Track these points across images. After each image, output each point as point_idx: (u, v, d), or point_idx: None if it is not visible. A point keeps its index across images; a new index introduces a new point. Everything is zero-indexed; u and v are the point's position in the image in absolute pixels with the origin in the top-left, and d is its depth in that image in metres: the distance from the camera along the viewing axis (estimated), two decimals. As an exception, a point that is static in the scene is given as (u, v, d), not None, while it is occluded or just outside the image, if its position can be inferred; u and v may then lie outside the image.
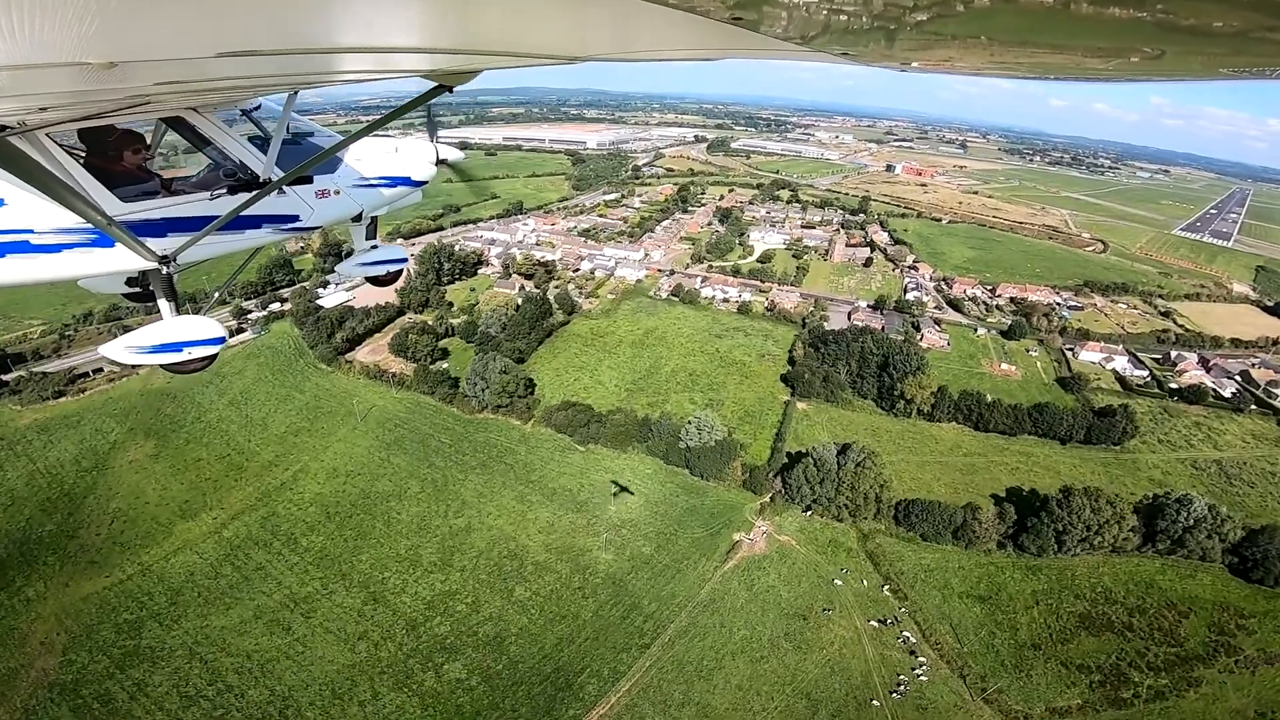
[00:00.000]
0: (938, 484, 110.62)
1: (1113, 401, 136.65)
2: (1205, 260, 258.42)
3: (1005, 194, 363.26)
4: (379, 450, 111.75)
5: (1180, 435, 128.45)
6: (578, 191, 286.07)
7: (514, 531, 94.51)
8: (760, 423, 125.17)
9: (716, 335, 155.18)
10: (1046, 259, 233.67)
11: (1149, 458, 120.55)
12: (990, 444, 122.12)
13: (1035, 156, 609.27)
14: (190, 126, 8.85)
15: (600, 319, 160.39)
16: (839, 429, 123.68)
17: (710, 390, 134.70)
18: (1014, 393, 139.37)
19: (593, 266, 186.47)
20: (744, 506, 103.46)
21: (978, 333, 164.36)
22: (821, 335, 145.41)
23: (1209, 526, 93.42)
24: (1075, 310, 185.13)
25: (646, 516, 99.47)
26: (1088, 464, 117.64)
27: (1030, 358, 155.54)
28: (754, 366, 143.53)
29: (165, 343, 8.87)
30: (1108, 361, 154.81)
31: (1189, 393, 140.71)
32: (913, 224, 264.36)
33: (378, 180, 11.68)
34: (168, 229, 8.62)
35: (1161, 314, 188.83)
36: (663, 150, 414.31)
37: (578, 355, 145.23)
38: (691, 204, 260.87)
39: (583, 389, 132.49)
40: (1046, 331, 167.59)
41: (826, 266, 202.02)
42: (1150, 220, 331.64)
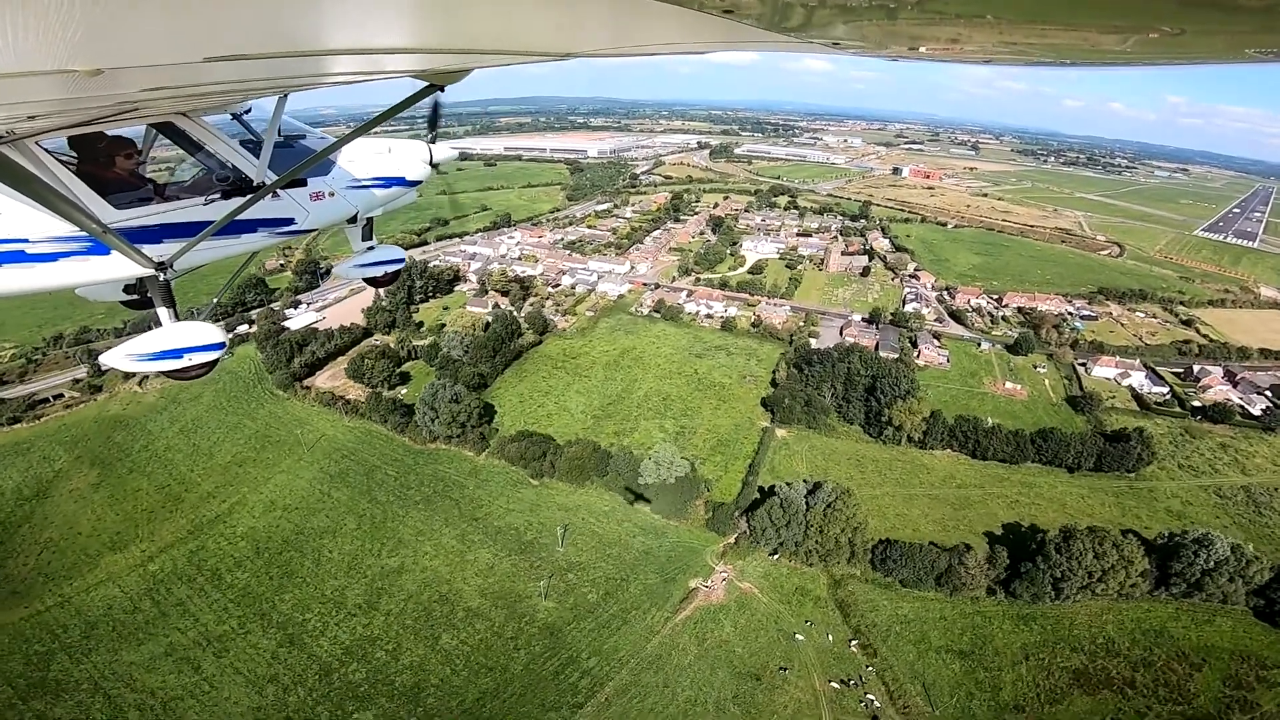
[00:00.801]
0: (925, 520, 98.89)
1: (1128, 423, 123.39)
2: (1229, 262, 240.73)
3: (1017, 196, 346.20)
4: (321, 483, 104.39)
5: (1203, 459, 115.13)
6: (571, 202, 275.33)
7: (449, 574, 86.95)
8: (733, 453, 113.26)
9: (697, 355, 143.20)
10: (1058, 264, 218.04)
11: (1168, 485, 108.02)
12: (988, 473, 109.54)
13: (1049, 157, 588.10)
14: (181, 132, 8.62)
15: (575, 338, 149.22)
16: (819, 459, 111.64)
17: (683, 417, 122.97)
18: (1019, 414, 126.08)
19: (574, 281, 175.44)
20: (706, 549, 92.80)
21: (981, 347, 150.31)
22: (806, 354, 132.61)
23: (1232, 569, 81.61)
24: (1088, 320, 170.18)
25: (597, 559, 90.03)
26: (1097, 494, 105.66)
27: (1038, 375, 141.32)
28: (734, 389, 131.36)
29: (165, 349, 8.70)
30: (1123, 378, 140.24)
31: (1213, 411, 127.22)
32: (916, 229, 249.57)
33: (372, 181, 11.44)
34: (163, 235, 8.42)
35: (1183, 323, 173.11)
36: (663, 158, 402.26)
37: (546, 379, 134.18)
38: (685, 212, 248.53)
39: (546, 416, 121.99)
40: (1056, 345, 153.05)
41: (821, 277, 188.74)
42: (1169, 221, 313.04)
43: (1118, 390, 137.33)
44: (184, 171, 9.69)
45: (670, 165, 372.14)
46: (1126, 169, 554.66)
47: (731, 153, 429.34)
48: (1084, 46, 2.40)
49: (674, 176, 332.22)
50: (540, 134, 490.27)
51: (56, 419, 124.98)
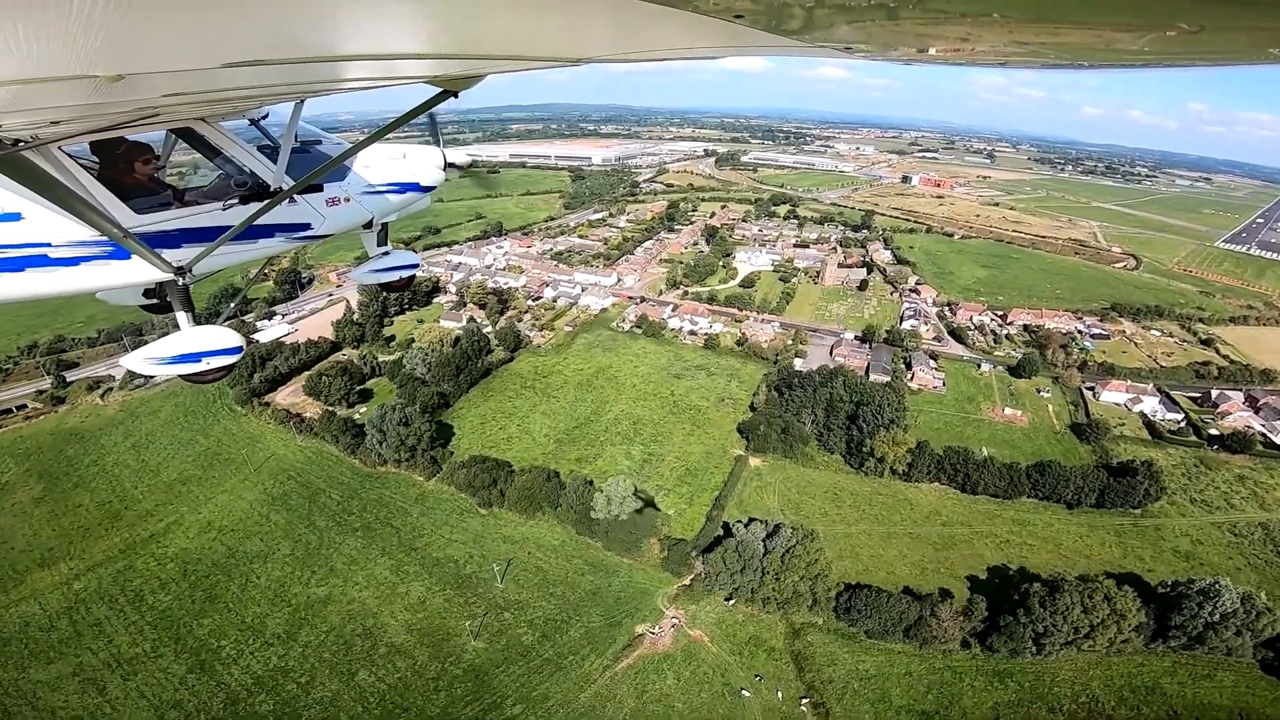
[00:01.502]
0: (902, 562, 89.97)
1: (1137, 453, 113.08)
2: (1253, 275, 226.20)
3: (1030, 205, 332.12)
4: (262, 504, 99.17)
5: (1218, 493, 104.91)
6: (569, 210, 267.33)
7: (377, 606, 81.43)
8: (701, 484, 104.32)
9: (675, 375, 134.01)
10: (1070, 278, 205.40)
11: (1177, 523, 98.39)
12: (977, 510, 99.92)
13: (1067, 166, 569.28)
14: (200, 137, 8.52)
15: (549, 356, 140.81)
16: (793, 492, 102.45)
17: (653, 442, 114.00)
18: (1017, 443, 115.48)
19: (556, 294, 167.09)
20: (658, 591, 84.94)
21: (981, 369, 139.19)
22: (787, 377, 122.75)
23: (1240, 622, 73.30)
24: (1100, 339, 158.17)
25: (539, 598, 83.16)
26: (1097, 533, 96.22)
27: (1041, 400, 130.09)
28: (710, 413, 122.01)
29: (184, 353, 8.71)
30: (1135, 403, 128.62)
31: (1232, 440, 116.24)
32: (921, 240, 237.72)
33: (387, 186, 11.39)
34: (182, 240, 8.40)
35: (1202, 342, 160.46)
36: (668, 166, 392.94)
37: (511, 399, 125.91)
38: (680, 222, 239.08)
39: (506, 440, 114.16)
40: (1063, 367, 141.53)
41: (816, 290, 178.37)
42: (1190, 231, 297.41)
43: (1128, 417, 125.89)
44: (202, 177, 9.50)
45: (674, 173, 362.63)
46: (1147, 178, 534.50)
47: (738, 160, 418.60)
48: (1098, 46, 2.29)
49: (675, 185, 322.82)
50: (548, 141, 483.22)
51: (14, 430, 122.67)
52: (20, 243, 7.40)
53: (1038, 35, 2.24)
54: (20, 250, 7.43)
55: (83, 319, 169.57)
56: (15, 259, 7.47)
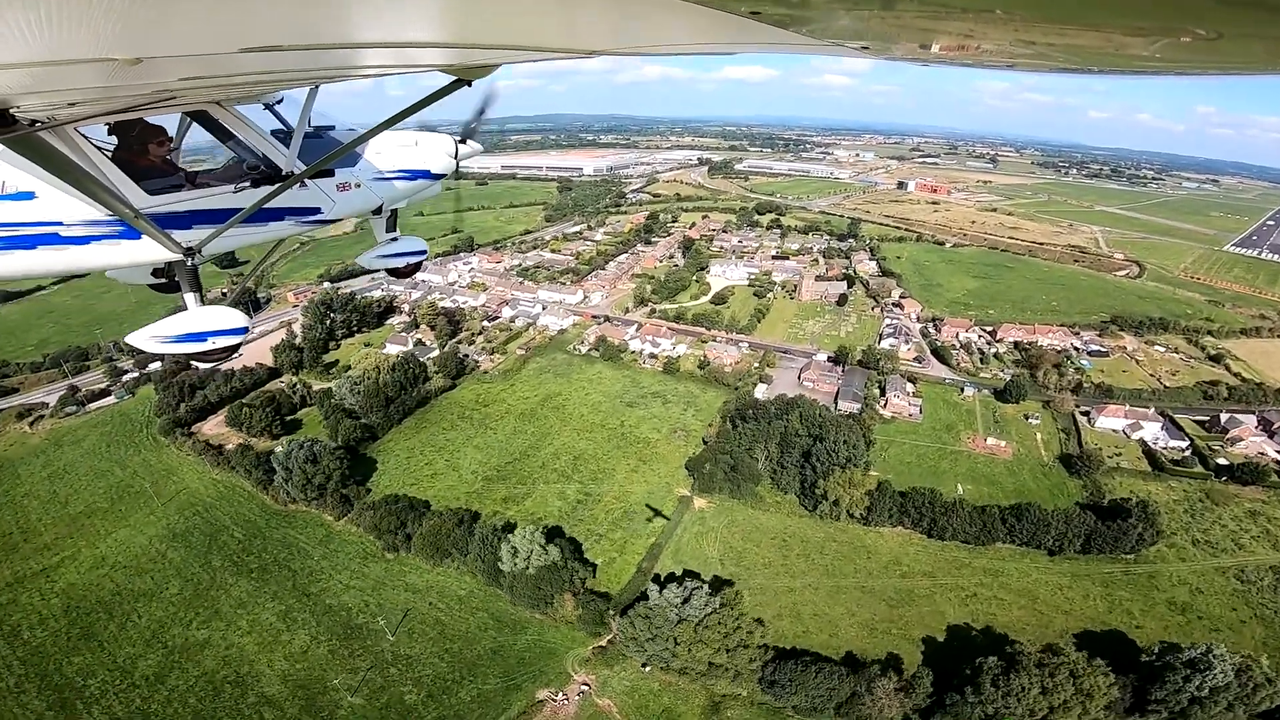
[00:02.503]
0: (850, 622, 77.68)
1: (1135, 487, 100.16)
2: (1265, 282, 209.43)
3: (1030, 210, 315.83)
4: (161, 541, 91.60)
5: (1225, 532, 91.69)
6: (549, 223, 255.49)
7: (256, 653, 74.36)
8: (638, 529, 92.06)
9: (628, 403, 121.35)
10: (1067, 288, 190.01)
11: (1175, 569, 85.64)
12: (944, 558, 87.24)
13: (1071, 169, 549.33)
14: (214, 120, 8.45)
15: (495, 382, 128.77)
16: (738, 539, 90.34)
17: (592, 481, 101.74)
18: (998, 478, 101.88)
19: (515, 314, 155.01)
20: (569, 652, 74.47)
21: (964, 393, 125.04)
22: (744, 407, 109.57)
23: (1233, 695, 61.88)
24: (1097, 357, 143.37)
25: (433, 653, 73.92)
26: (1080, 584, 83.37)
27: (1029, 427, 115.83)
28: (660, 446, 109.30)
29: (189, 332, 8.63)
30: (1134, 429, 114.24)
31: (1243, 470, 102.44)
32: (910, 249, 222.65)
33: (397, 173, 11.22)
34: (192, 221, 8.32)
35: (1210, 358, 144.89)
36: (659, 175, 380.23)
37: (445, 431, 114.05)
38: (658, 234, 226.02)
39: (430, 477, 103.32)
40: (1056, 389, 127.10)
41: (792, 306, 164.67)
42: (1197, 235, 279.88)
43: (1125, 446, 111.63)
44: (215, 159, 9.40)
45: (664, 183, 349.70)
46: (1153, 180, 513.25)
47: (732, 169, 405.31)
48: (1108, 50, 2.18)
49: (663, 195, 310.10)
50: (544, 152, 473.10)
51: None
52: (33, 221, 7.37)
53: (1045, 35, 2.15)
54: (33, 228, 7.39)
55: (35, 342, 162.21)
56: (28, 236, 7.42)
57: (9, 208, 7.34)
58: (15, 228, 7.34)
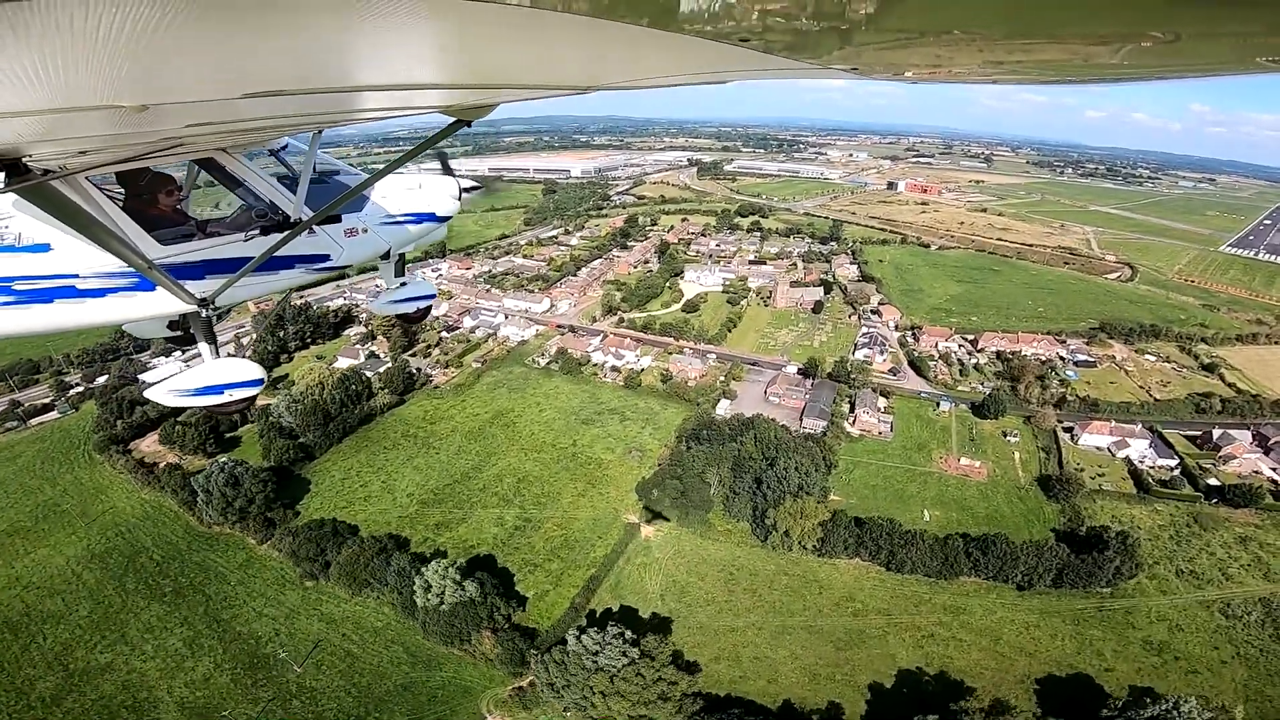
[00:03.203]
0: (792, 666, 70.58)
1: (1118, 511, 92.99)
2: (1262, 284, 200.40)
3: (1022, 210, 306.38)
4: (79, 562, 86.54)
5: (1212, 560, 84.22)
6: (527, 226, 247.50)
7: (157, 680, 70.17)
8: (577, 558, 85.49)
9: (584, 420, 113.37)
10: (1055, 292, 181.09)
11: (1155, 603, 78.24)
12: (903, 593, 79.64)
13: (1066, 169, 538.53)
14: (221, 167, 8.28)
15: (445, 398, 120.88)
16: (683, 570, 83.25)
17: (534, 505, 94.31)
18: (969, 502, 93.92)
19: (476, 324, 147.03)
20: (486, 692, 68.68)
21: (940, 408, 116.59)
22: (701, 426, 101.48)
23: None
24: (1084, 367, 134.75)
25: (339, 687, 68.94)
26: (1050, 622, 75.85)
27: (1007, 445, 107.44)
28: (613, 468, 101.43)
29: (207, 386, 8.46)
30: (1120, 447, 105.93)
31: (1235, 492, 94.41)
32: (894, 252, 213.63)
33: (403, 217, 10.87)
34: (205, 271, 8.08)
35: (1204, 367, 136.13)
36: (647, 177, 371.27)
37: (386, 451, 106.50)
38: (635, 238, 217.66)
39: (364, 499, 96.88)
40: (1039, 403, 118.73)
41: (765, 314, 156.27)
42: (1193, 235, 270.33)
43: (1110, 465, 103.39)
44: (224, 208, 9.15)
45: (650, 184, 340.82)
46: (1148, 179, 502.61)
47: (721, 170, 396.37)
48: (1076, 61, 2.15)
49: (648, 197, 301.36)
50: (535, 153, 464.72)
51: None
52: (50, 274, 7.13)
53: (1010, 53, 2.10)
54: (50, 281, 7.16)
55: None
56: (45, 290, 7.19)
57: (27, 260, 7.08)
58: (33, 280, 7.09)
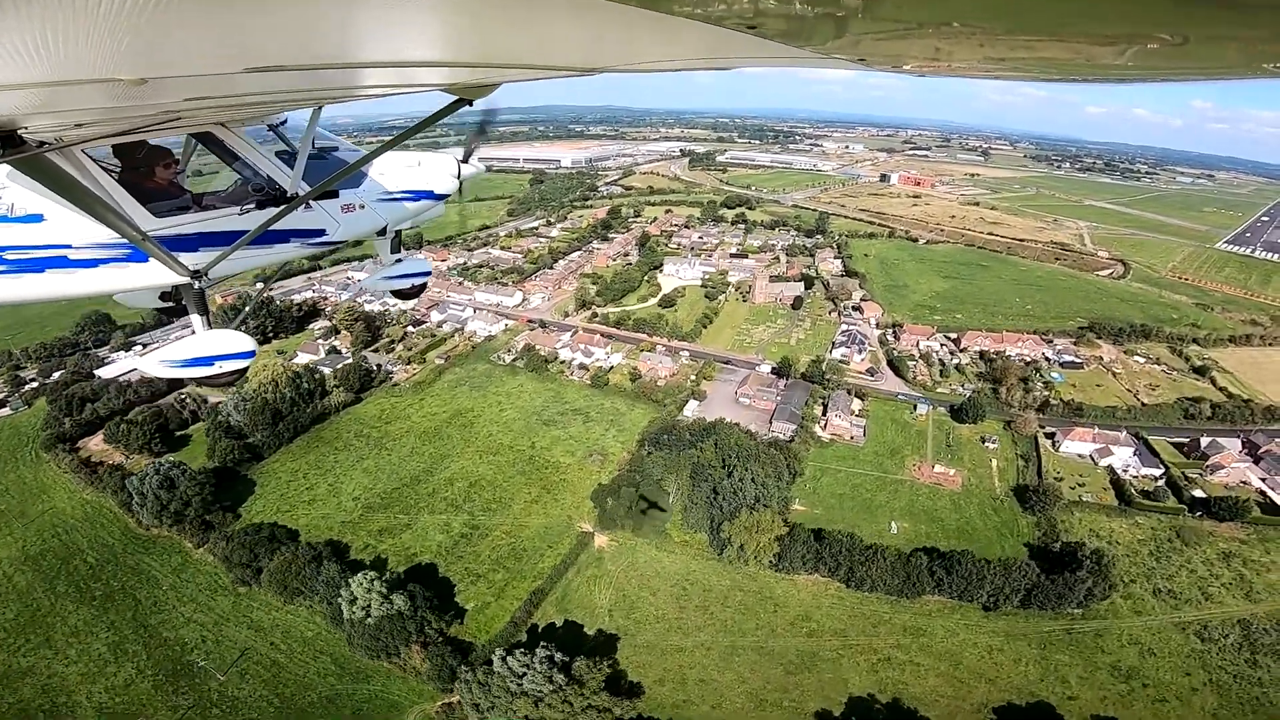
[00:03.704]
0: (738, 690, 66.05)
1: (1097, 524, 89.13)
2: (1258, 283, 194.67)
3: (1015, 204, 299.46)
4: (11, 564, 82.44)
5: (1193, 579, 79.54)
6: (510, 217, 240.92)
7: (77, 684, 67.21)
8: (524, 569, 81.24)
9: (545, 421, 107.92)
10: (1044, 289, 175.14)
11: (1129, 625, 73.46)
12: (863, 612, 74.88)
13: (1064, 163, 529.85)
14: (219, 141, 8.21)
15: (404, 396, 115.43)
16: (634, 584, 78.78)
17: (484, 511, 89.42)
18: (940, 514, 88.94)
19: (443, 318, 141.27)
20: (413, 707, 65.28)
21: (917, 411, 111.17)
22: (665, 429, 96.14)
23: None
24: (1070, 369, 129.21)
25: (262, 697, 66.05)
26: (1015, 645, 71.18)
27: (985, 452, 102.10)
28: (571, 473, 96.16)
29: (197, 357, 8.40)
30: (1103, 455, 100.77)
31: (1221, 505, 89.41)
32: (881, 246, 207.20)
33: (401, 194, 10.84)
34: (199, 244, 8.11)
35: (1195, 370, 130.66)
36: (638, 167, 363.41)
37: (336, 452, 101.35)
38: (618, 229, 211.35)
39: (307, 503, 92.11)
40: (1021, 407, 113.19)
41: (744, 310, 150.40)
42: (1189, 232, 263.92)
43: (1092, 474, 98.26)
44: (220, 181, 9.06)
45: (640, 175, 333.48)
46: (1147, 175, 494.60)
47: (714, 160, 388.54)
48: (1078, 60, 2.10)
49: (635, 188, 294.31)
50: (529, 143, 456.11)
51: None
52: (42, 244, 7.12)
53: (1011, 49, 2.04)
54: (42, 251, 7.15)
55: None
56: (37, 260, 7.18)
57: (19, 230, 7.05)
58: (25, 250, 7.06)
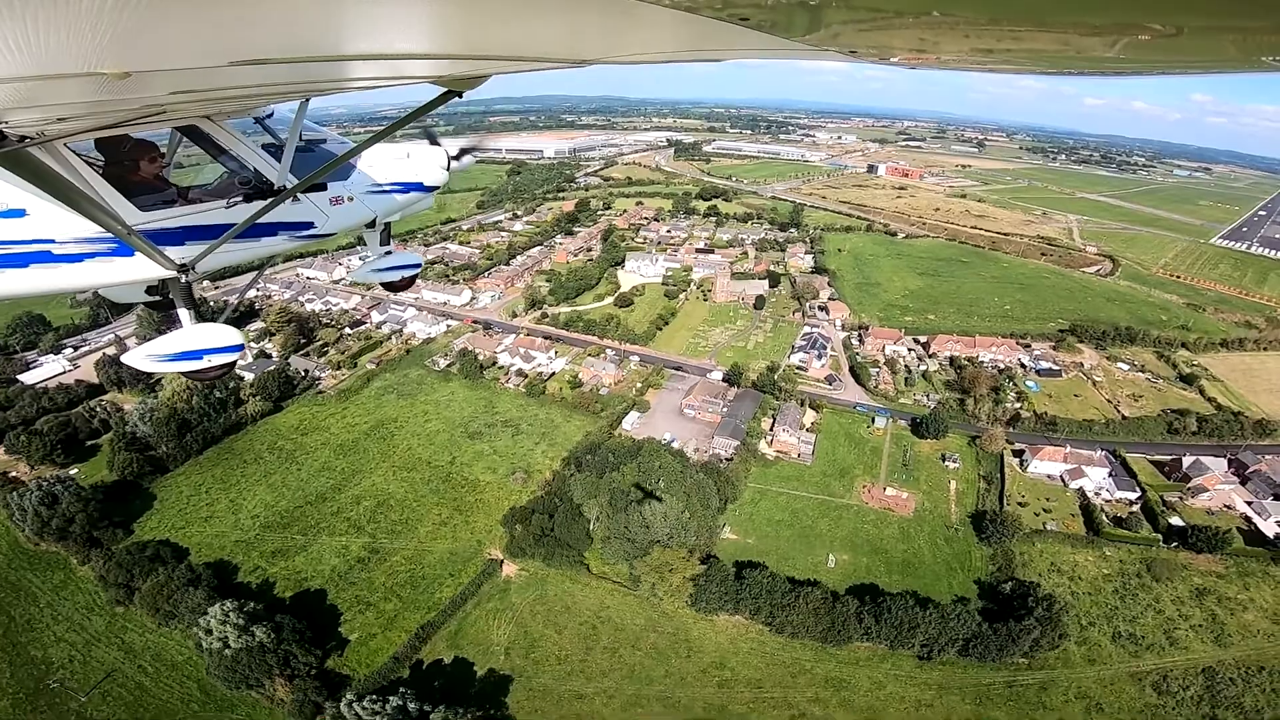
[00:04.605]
0: None
1: (1059, 557, 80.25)
2: (1253, 282, 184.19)
3: (1005, 197, 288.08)
4: None
5: (1158, 620, 70.61)
6: (479, 210, 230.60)
7: None
8: (420, 599, 73.51)
9: (471, 434, 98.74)
10: (1026, 288, 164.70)
11: (1079, 676, 64.95)
12: (784, 659, 66.38)
13: (1060, 155, 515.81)
14: (205, 135, 8.07)
15: (326, 405, 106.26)
16: (540, 620, 70.64)
17: (390, 533, 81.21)
18: (886, 544, 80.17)
19: (384, 319, 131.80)
20: None
21: (875, 424, 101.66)
22: (592, 446, 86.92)
23: None
24: (1048, 377, 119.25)
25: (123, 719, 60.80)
26: (948, 698, 63.08)
27: (945, 472, 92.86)
28: (489, 492, 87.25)
29: (185, 351, 8.24)
30: (1074, 476, 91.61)
31: (1199, 535, 79.79)
32: (857, 240, 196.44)
33: (390, 186, 10.70)
34: (185, 237, 7.93)
35: (1182, 379, 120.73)
36: (620, 158, 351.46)
37: (245, 465, 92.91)
38: (585, 222, 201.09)
39: (204, 520, 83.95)
40: (989, 420, 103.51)
41: (703, 309, 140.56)
42: (1183, 226, 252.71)
43: (1061, 498, 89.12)
44: (207, 174, 8.95)
45: (622, 165, 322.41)
46: (1143, 167, 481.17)
47: (700, 150, 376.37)
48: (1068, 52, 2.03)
49: (614, 178, 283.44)
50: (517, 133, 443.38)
51: None
52: (24, 239, 6.98)
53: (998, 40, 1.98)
54: (24, 246, 7.00)
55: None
56: (19, 255, 7.03)
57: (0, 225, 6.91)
58: (6, 245, 6.92)
